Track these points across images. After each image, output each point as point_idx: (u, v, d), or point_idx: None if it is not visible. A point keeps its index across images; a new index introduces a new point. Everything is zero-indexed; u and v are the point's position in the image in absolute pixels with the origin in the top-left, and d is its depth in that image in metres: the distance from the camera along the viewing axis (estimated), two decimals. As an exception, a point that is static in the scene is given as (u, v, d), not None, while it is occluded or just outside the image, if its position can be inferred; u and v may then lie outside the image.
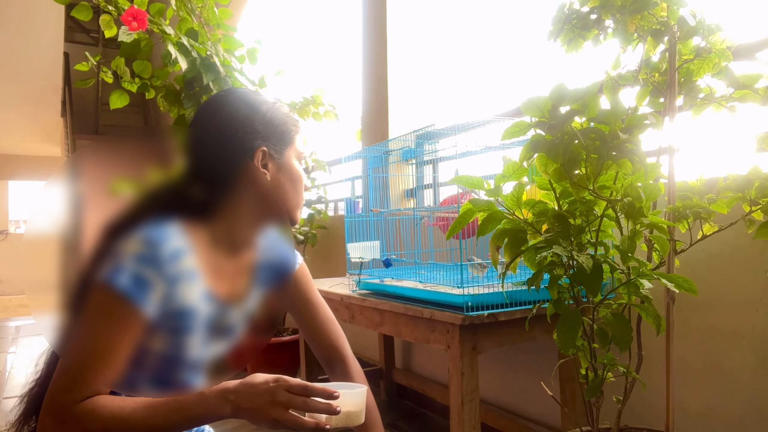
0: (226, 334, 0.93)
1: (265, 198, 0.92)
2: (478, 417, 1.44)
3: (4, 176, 9.66)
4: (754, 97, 1.10)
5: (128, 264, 0.77)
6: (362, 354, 3.19)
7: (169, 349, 0.84)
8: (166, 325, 0.82)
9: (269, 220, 0.95)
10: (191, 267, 0.84)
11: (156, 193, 0.84)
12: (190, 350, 0.86)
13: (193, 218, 0.87)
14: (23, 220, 10.19)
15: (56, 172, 0.76)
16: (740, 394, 1.44)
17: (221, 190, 0.89)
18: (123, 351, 0.78)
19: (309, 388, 0.80)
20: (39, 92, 6.02)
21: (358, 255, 1.92)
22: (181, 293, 0.82)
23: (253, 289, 0.97)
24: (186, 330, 0.84)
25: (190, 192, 0.87)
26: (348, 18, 3.70)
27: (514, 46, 2.67)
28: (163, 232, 0.80)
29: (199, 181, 0.87)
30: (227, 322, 0.92)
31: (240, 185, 0.90)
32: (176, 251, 0.81)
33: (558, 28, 1.17)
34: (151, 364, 0.84)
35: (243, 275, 0.96)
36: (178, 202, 0.86)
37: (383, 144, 2.21)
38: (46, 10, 4.43)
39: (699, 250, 1.23)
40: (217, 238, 0.90)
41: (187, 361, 0.87)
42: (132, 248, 0.78)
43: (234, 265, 0.94)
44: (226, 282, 0.91)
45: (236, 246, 0.93)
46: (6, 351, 4.48)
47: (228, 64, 2.38)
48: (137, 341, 0.80)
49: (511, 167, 1.07)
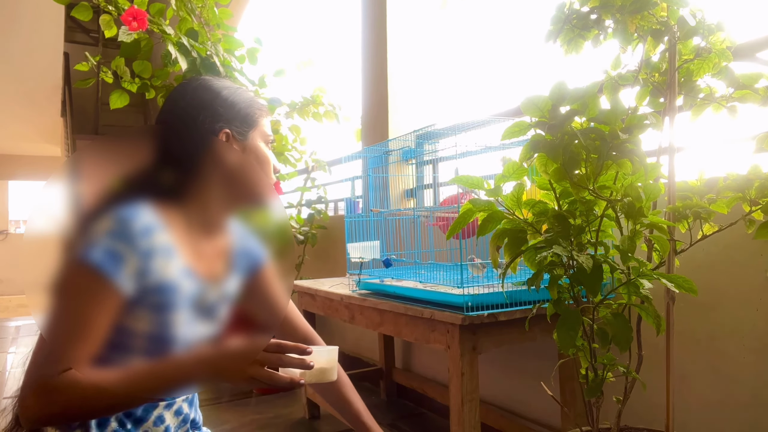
0: (210, 313, 0.95)
1: (233, 179, 0.94)
2: (478, 417, 1.44)
3: (4, 176, 9.66)
4: (754, 97, 1.10)
5: (100, 240, 0.79)
6: (362, 354, 3.19)
7: (155, 328, 0.85)
8: (148, 301, 0.83)
9: (241, 201, 0.96)
10: (165, 242, 0.86)
11: (128, 180, 0.87)
12: (177, 328, 0.87)
13: (165, 202, 0.89)
14: (23, 220, 10.19)
15: (56, 172, 0.76)
16: (740, 394, 1.44)
17: (189, 173, 0.92)
18: (100, 325, 0.79)
19: (282, 345, 0.82)
20: (39, 92, 6.03)
21: (358, 255, 1.92)
22: (157, 267, 0.84)
23: (231, 273, 1.00)
24: (169, 306, 0.86)
25: (160, 177, 0.90)
26: (348, 18, 3.71)
27: (514, 46, 2.67)
28: (134, 210, 0.83)
29: (167, 165, 0.90)
30: (209, 300, 0.94)
31: (207, 167, 0.92)
32: (147, 227, 0.83)
33: (558, 28, 1.17)
34: (140, 345, 0.85)
35: (221, 258, 0.98)
36: (149, 188, 0.88)
37: (383, 144, 2.21)
38: (46, 10, 4.43)
39: (699, 250, 1.23)
40: (191, 220, 0.92)
41: (175, 340, 0.88)
42: (103, 226, 0.80)
43: (212, 248, 0.97)
44: (205, 262, 0.94)
45: (211, 228, 0.96)
46: (6, 351, 4.48)
47: (228, 64, 2.38)
48: (116, 317, 0.81)
49: (511, 167, 1.07)
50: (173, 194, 0.91)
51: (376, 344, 2.95)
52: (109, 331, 0.81)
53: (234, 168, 0.94)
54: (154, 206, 0.86)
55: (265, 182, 1.00)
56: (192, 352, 0.84)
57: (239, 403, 2.81)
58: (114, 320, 0.81)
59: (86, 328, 0.77)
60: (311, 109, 3.06)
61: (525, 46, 2.52)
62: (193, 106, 0.96)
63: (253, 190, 0.97)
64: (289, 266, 0.97)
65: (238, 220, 1.01)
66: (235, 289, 1.00)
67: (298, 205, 3.41)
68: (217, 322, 0.97)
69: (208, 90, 0.98)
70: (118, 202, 0.83)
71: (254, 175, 0.98)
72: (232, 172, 0.94)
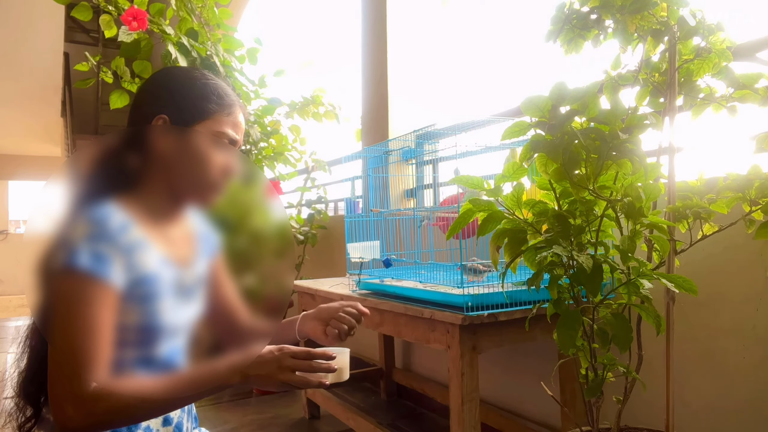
0: (189, 295, 0.96)
1: (174, 165, 0.91)
2: (478, 417, 1.44)
3: (4, 176, 9.66)
4: (754, 97, 1.10)
5: (82, 244, 0.79)
6: (362, 354, 3.19)
7: (144, 319, 0.87)
8: (135, 295, 0.85)
9: (188, 187, 0.93)
10: (139, 236, 0.87)
11: (85, 176, 0.87)
12: (164, 315, 0.89)
13: (121, 192, 0.89)
14: (23, 220, 10.19)
15: (56, 172, 0.77)
16: (741, 394, 1.44)
17: (136, 161, 0.91)
18: (107, 326, 0.80)
19: (311, 352, 0.88)
20: (39, 92, 6.03)
21: (358, 255, 1.92)
22: (139, 261, 0.85)
23: (199, 255, 1.01)
24: (154, 296, 0.87)
25: (112, 165, 0.90)
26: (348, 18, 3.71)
27: (514, 46, 2.67)
28: (103, 209, 0.83)
29: (118, 153, 0.91)
30: (186, 283, 0.96)
31: (148, 154, 0.92)
32: (122, 223, 0.84)
33: (558, 28, 1.17)
34: (133, 338, 0.87)
35: (188, 241, 1.00)
36: (105, 181, 0.88)
37: (383, 144, 2.21)
38: (46, 10, 4.43)
39: (699, 250, 1.23)
40: (150, 208, 0.92)
41: (164, 327, 0.90)
42: (80, 230, 0.80)
43: (178, 232, 0.98)
44: (175, 247, 0.95)
45: (171, 214, 0.96)
46: (6, 351, 4.48)
47: (228, 64, 2.38)
48: (116, 314, 0.82)
49: (511, 167, 1.07)
50: (126, 184, 0.91)
51: (376, 344, 2.95)
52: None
53: (170, 156, 0.91)
54: (116, 200, 0.87)
55: (196, 181, 0.93)
56: (226, 359, 0.87)
57: (239, 403, 2.81)
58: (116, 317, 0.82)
59: (99, 333, 0.79)
60: (311, 109, 3.06)
61: (525, 46, 2.52)
62: (144, 91, 0.96)
63: (189, 183, 0.93)
64: (289, 266, 0.97)
65: (190, 208, 1.00)
66: (204, 271, 1.02)
67: (298, 205, 3.41)
68: (197, 302, 0.99)
69: (164, 77, 0.97)
70: (81, 202, 0.83)
71: (185, 172, 0.92)
72: (169, 159, 0.91)
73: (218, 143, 0.94)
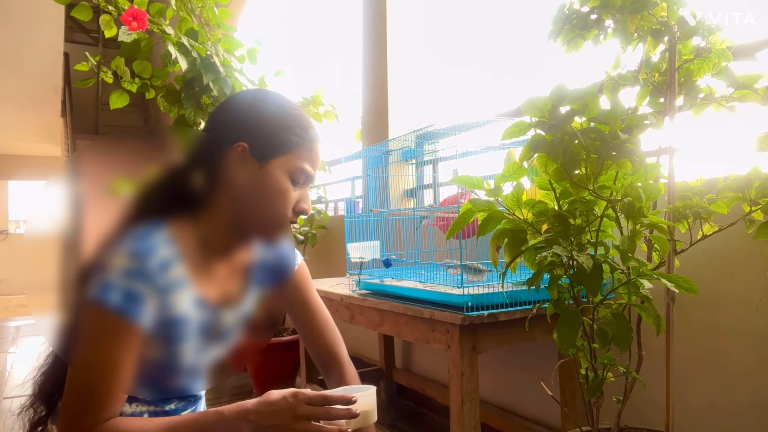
0: (221, 338, 0.92)
1: (243, 199, 0.86)
2: (478, 417, 1.44)
3: (4, 176, 9.66)
4: (754, 97, 1.10)
5: (118, 280, 0.76)
6: (362, 354, 3.19)
7: (163, 358, 0.85)
8: (159, 334, 0.82)
9: (255, 222, 0.89)
10: (180, 275, 0.83)
11: (140, 188, 0.84)
12: (185, 357, 0.86)
13: (178, 217, 0.85)
14: (23, 220, 10.19)
15: (56, 172, 0.76)
16: (741, 394, 1.44)
17: (203, 184, 0.86)
18: (128, 366, 0.78)
19: (328, 397, 0.81)
20: (39, 92, 6.03)
21: (358, 255, 1.91)
22: (172, 302, 0.82)
23: (248, 290, 0.96)
24: (178, 338, 0.84)
25: (176, 186, 0.86)
26: (348, 18, 3.70)
27: (514, 46, 2.67)
28: (149, 242, 0.79)
29: (184, 174, 0.86)
30: (222, 325, 0.91)
31: (219, 180, 0.86)
32: (164, 262, 0.80)
33: (558, 28, 1.17)
34: (148, 372, 0.84)
35: (236, 277, 0.95)
36: (164, 198, 0.85)
37: (383, 144, 2.21)
38: (46, 10, 4.43)
39: (699, 250, 1.23)
40: (205, 239, 0.88)
41: (183, 368, 0.87)
42: (119, 263, 0.77)
43: (226, 267, 0.93)
44: (217, 285, 0.90)
45: (226, 246, 0.91)
46: (6, 351, 4.48)
47: (228, 64, 2.38)
48: (139, 354, 0.80)
49: (511, 167, 1.07)
50: (186, 206, 0.86)
51: (376, 344, 2.95)
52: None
53: (243, 186, 0.85)
54: (169, 228, 0.82)
55: (270, 216, 0.88)
56: (236, 405, 0.81)
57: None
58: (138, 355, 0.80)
59: (116, 373, 0.77)
60: (311, 109, 3.06)
61: (525, 46, 2.52)
62: (229, 112, 0.90)
63: (258, 217, 0.88)
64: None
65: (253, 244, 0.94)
66: (252, 308, 0.97)
67: (298, 205, 3.40)
68: (229, 342, 0.94)
69: (251, 102, 0.91)
70: (131, 222, 0.81)
71: (261, 202, 0.87)
72: (241, 190, 0.86)
73: (295, 181, 0.90)
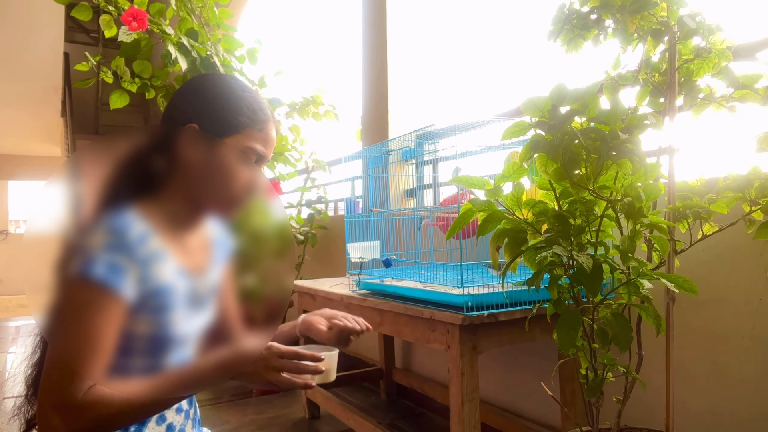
0: (201, 305, 0.96)
1: (198, 175, 0.91)
2: (478, 417, 1.44)
3: (4, 176, 9.66)
4: (754, 97, 1.10)
5: (100, 254, 0.79)
6: (362, 354, 3.19)
7: (155, 330, 0.87)
8: (147, 306, 0.85)
9: (209, 198, 0.93)
10: (158, 247, 0.87)
11: (108, 179, 0.87)
12: (176, 326, 0.89)
13: (144, 198, 0.89)
14: (23, 220, 10.19)
15: (56, 172, 0.76)
16: (740, 394, 1.44)
17: (161, 165, 0.91)
18: (111, 337, 0.80)
19: (299, 353, 0.89)
20: (39, 92, 6.03)
21: (358, 255, 1.92)
22: (154, 273, 0.85)
23: (213, 263, 1.01)
24: (167, 307, 0.87)
25: (139, 170, 0.90)
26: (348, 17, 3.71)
27: (514, 46, 2.67)
28: (124, 218, 0.83)
29: (145, 158, 0.91)
30: (200, 293, 0.96)
31: (174, 159, 0.91)
32: (141, 235, 0.84)
33: (558, 28, 1.17)
34: (142, 347, 0.87)
35: (204, 250, 1.00)
36: (130, 182, 0.88)
37: (383, 144, 2.21)
38: (46, 10, 4.43)
39: (699, 250, 1.23)
40: (171, 215, 0.92)
41: (175, 338, 0.90)
42: (99, 240, 0.80)
43: (196, 240, 0.98)
44: (191, 256, 0.95)
45: (190, 222, 0.96)
46: (6, 351, 4.48)
47: (228, 64, 2.38)
48: (122, 326, 0.82)
49: (511, 167, 1.07)
50: (149, 188, 0.91)
51: (376, 344, 2.95)
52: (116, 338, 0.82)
53: (195, 165, 0.90)
54: (137, 207, 0.86)
55: (220, 194, 0.92)
56: (212, 356, 0.87)
57: (239, 403, 2.81)
58: (120, 328, 0.82)
59: (100, 343, 0.78)
60: (311, 109, 3.06)
61: (525, 46, 2.52)
62: (179, 96, 0.96)
63: (211, 194, 0.92)
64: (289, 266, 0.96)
65: (210, 218, 1.00)
66: (218, 279, 1.02)
67: (298, 205, 3.41)
68: (209, 311, 0.99)
69: (200, 85, 0.96)
70: (103, 207, 0.84)
71: (210, 183, 0.91)
72: (194, 169, 0.91)
73: (245, 159, 0.93)
